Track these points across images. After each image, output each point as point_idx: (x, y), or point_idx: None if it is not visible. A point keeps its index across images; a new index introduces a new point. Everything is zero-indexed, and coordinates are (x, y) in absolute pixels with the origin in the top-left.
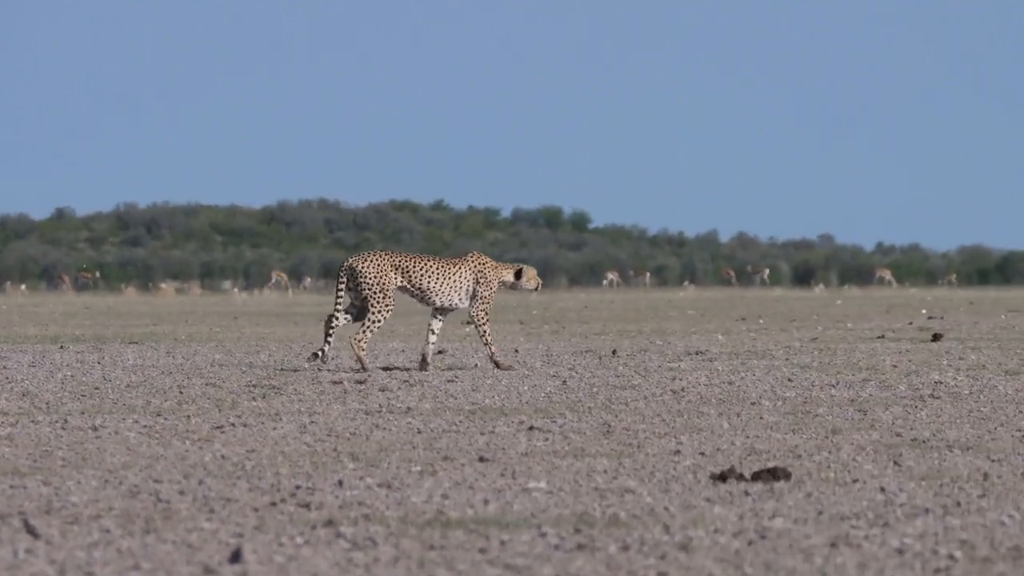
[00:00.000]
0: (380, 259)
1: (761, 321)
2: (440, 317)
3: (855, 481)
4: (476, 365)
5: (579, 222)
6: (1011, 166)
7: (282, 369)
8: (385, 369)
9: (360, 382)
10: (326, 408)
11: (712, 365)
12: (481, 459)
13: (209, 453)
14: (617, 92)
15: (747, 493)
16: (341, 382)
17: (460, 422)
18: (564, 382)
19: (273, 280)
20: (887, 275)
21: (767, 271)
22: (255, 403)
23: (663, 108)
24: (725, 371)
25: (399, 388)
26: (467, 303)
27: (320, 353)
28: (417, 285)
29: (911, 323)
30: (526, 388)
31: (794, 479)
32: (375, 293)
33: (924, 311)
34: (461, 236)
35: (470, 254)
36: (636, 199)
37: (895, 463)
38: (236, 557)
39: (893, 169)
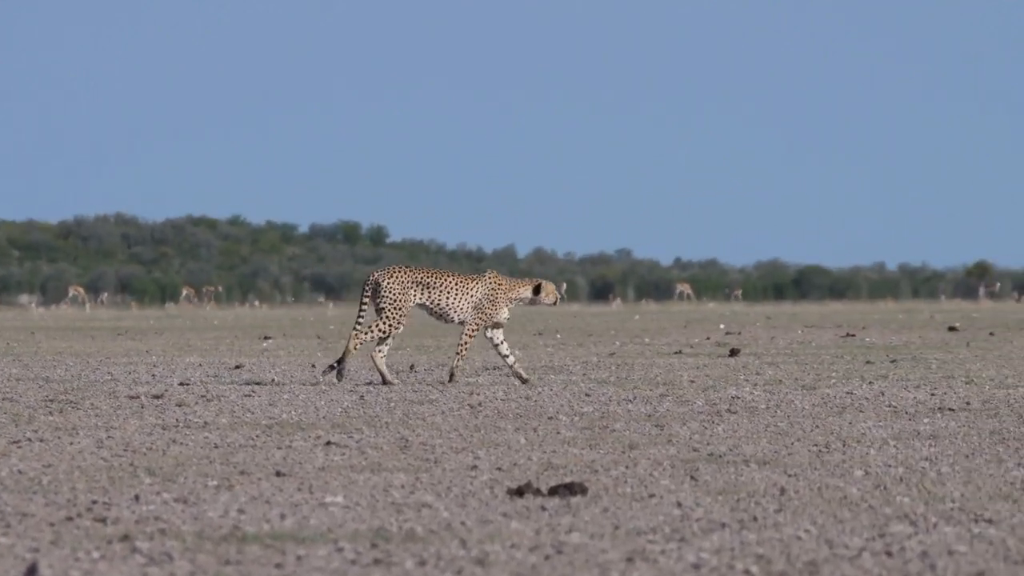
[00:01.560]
0: (404, 275)
1: (558, 336)
2: (494, 329)
3: (652, 496)
4: (273, 380)
5: (377, 237)
6: (805, 183)
7: (79, 384)
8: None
9: (158, 396)
10: (123, 423)
11: (509, 380)
12: (278, 474)
13: (5, 468)
14: (413, 106)
15: (544, 508)
16: (138, 397)
17: (257, 436)
18: (362, 397)
19: (71, 295)
20: (687, 289)
21: (564, 286)
22: (52, 418)
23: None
24: (522, 386)
25: (196, 403)
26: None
27: (385, 378)
28: (436, 301)
29: (709, 338)
30: (323, 403)
31: (591, 494)
32: (391, 307)
33: (722, 326)
34: (258, 251)
35: (487, 272)
36: (434, 214)
37: (692, 478)
38: (32, 572)
39: (691, 184)
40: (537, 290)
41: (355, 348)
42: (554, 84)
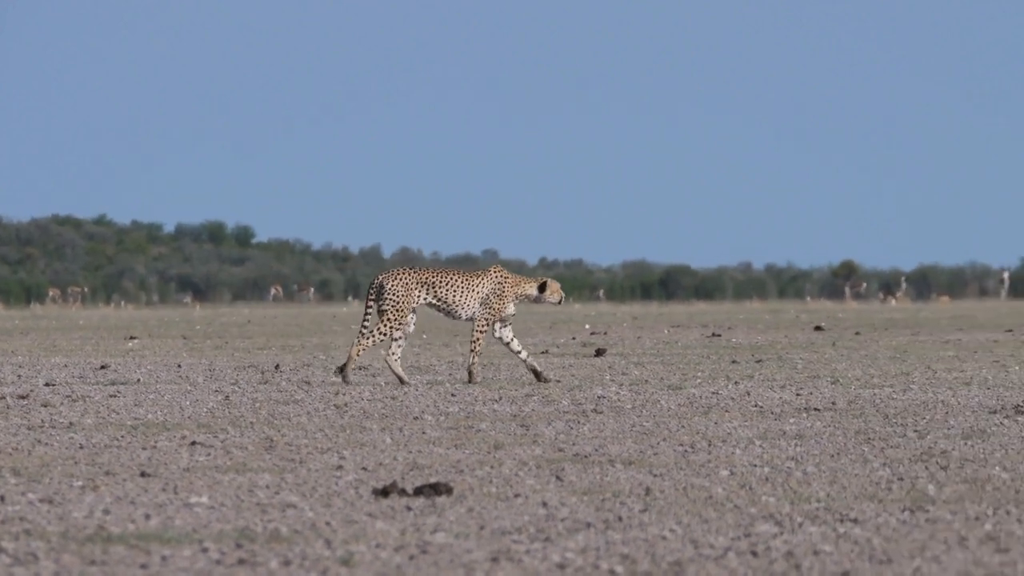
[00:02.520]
0: (408, 277)
1: (425, 336)
2: (504, 327)
3: (517, 496)
4: (139, 380)
5: (242, 237)
6: (671, 182)
7: None
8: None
9: (23, 397)
10: None
11: (375, 380)
12: (143, 474)
13: None
14: (275, 104)
15: (409, 508)
16: (3, 397)
17: (122, 437)
18: (227, 397)
19: None
20: None
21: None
22: None
23: (321, 121)
24: (388, 386)
25: (61, 403)
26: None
27: (401, 379)
28: (443, 299)
29: (575, 338)
30: (188, 403)
31: (456, 494)
32: (392, 309)
33: (588, 326)
34: (124, 251)
35: (492, 267)
36: (299, 213)
37: (557, 478)
38: None
39: (556, 184)
40: (543, 288)
41: (357, 355)
42: (415, 82)
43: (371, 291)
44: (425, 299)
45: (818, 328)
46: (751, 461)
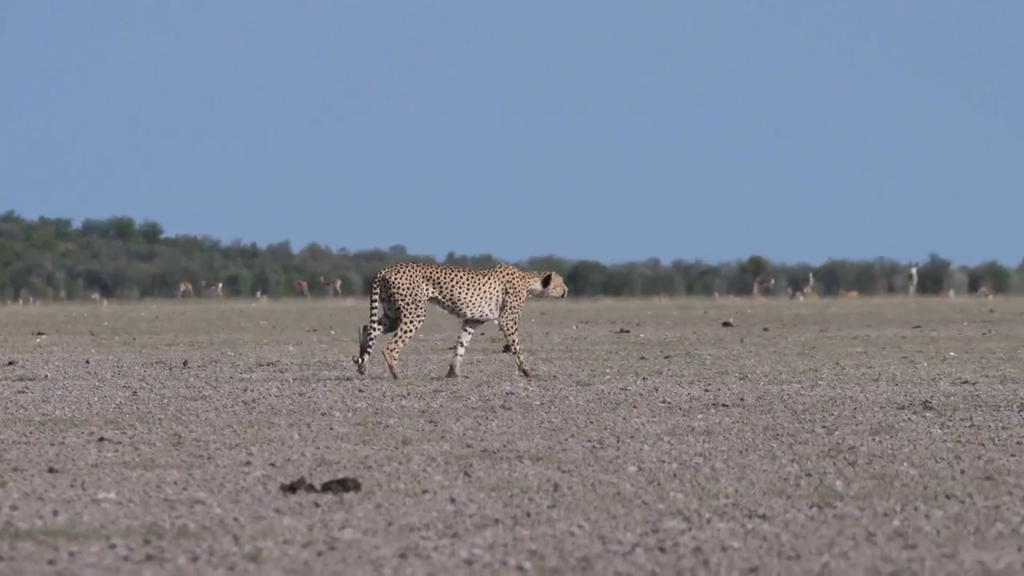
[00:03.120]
0: (413, 270)
1: (333, 332)
2: (470, 330)
3: (425, 492)
4: (47, 376)
5: (151, 233)
6: (579, 177)
7: None
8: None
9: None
10: None
11: (283, 376)
12: (51, 470)
13: None
14: (181, 100)
15: (317, 504)
16: None
17: (30, 433)
18: (135, 393)
19: None
20: None
21: (339, 282)
22: None
23: (226, 117)
24: (296, 382)
25: None
26: (496, 314)
27: (358, 363)
28: (448, 296)
29: (483, 334)
30: (96, 399)
31: (364, 490)
32: (407, 304)
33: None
34: (32, 247)
35: (498, 265)
36: (208, 210)
37: (465, 474)
38: None
39: (463, 179)
40: (547, 282)
41: (393, 361)
42: (320, 78)
43: (375, 286)
44: (431, 294)
45: (726, 324)
46: (659, 457)
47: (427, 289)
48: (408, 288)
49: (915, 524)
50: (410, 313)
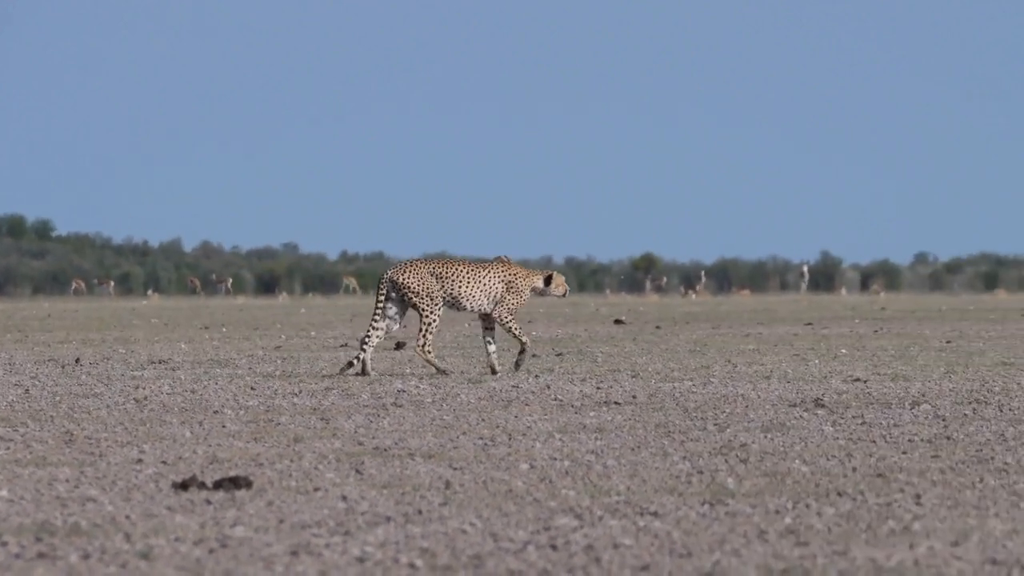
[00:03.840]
0: (418, 267)
1: (224, 330)
2: (489, 325)
3: (317, 489)
4: None
5: (42, 230)
6: (471, 173)
7: None
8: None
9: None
10: None
11: (175, 374)
12: None
13: None
14: (73, 97)
15: (209, 502)
16: None
17: None
18: (27, 391)
19: None
20: (353, 283)
21: (231, 280)
22: None
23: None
24: (188, 380)
25: None
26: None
27: (355, 362)
28: (449, 291)
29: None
30: None
31: (256, 487)
32: (423, 299)
33: None
34: None
35: (498, 260)
36: (100, 208)
37: (357, 471)
38: None
39: (356, 177)
40: (548, 281)
41: (428, 354)
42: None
43: (380, 286)
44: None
45: (618, 321)
46: (551, 455)
47: (435, 283)
48: (419, 284)
49: (807, 521)
50: (427, 307)
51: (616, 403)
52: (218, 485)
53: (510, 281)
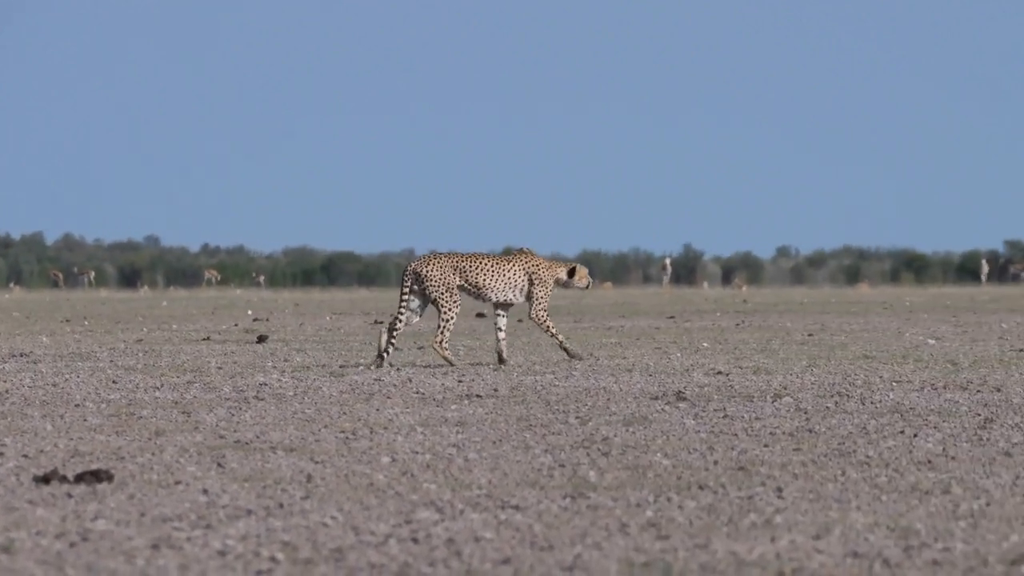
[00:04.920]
0: (441, 261)
1: (86, 323)
2: (502, 313)
3: (178, 483)
4: None
5: None
6: (333, 168)
7: None
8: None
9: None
10: None
11: (36, 367)
12: None
13: None
14: None
15: (70, 495)
16: None
17: None
18: None
19: None
20: (215, 276)
21: (93, 273)
22: None
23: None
24: (49, 373)
25: None
26: (521, 298)
27: (384, 356)
28: (474, 283)
29: (237, 324)
30: None
31: (117, 481)
32: (443, 294)
33: (250, 312)
34: None
35: (521, 251)
36: None
37: (218, 465)
38: None
39: (218, 171)
40: (571, 273)
41: (443, 350)
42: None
43: (405, 279)
44: (458, 282)
45: (480, 315)
46: (413, 448)
47: (455, 279)
48: (440, 279)
49: (668, 515)
50: (446, 302)
51: (478, 396)
52: (79, 478)
53: (533, 272)
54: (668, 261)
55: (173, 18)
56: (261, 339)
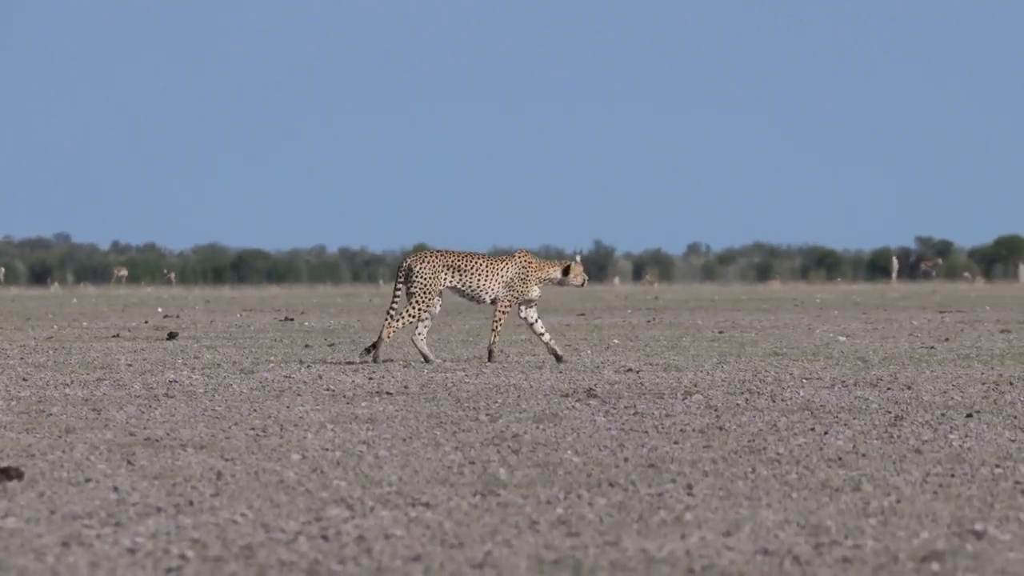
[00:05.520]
0: (435, 260)
1: None
2: (529, 308)
3: (88, 480)
4: None
5: None
6: (240, 164)
7: None
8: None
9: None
10: None
11: None
12: None
13: None
14: None
15: None
16: None
17: None
18: None
19: None
20: (125, 273)
21: (3, 270)
22: None
23: None
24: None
25: None
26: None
27: (427, 358)
28: (468, 284)
29: (147, 322)
30: None
31: (27, 479)
32: (421, 291)
33: (160, 309)
34: None
35: (517, 253)
36: None
37: (128, 462)
38: None
39: (128, 166)
40: (566, 271)
41: (388, 337)
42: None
43: (400, 273)
44: (450, 283)
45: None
46: (323, 445)
47: (447, 278)
48: (427, 276)
49: (578, 512)
50: (420, 301)
51: (388, 393)
52: None
53: (525, 268)
54: (579, 257)
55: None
56: (171, 336)
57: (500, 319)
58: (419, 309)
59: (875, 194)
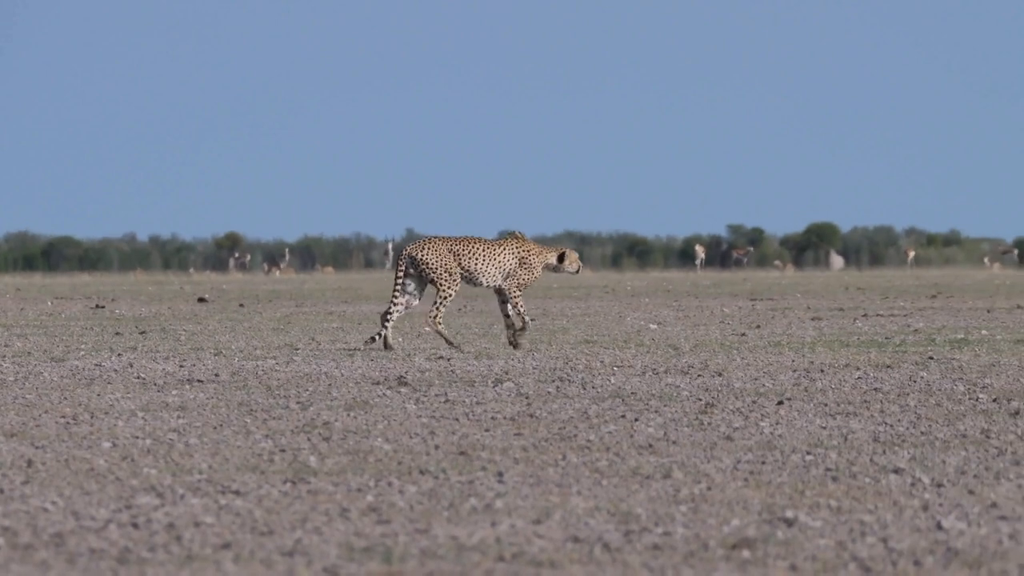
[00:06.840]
0: (436, 244)
1: None
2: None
3: None
4: None
5: None
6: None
7: None
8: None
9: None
10: None
11: None
12: None
13: None
14: None
15: None
16: None
17: None
18: None
19: None
20: None
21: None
22: None
23: None
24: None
25: None
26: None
27: (377, 337)
28: (466, 267)
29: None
30: None
31: None
32: (441, 275)
33: None
34: None
35: (512, 236)
36: None
37: None
38: None
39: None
40: (561, 258)
41: (439, 326)
42: None
43: (400, 263)
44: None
45: (202, 300)
46: (134, 433)
47: (452, 260)
48: (438, 261)
49: (389, 499)
50: (445, 282)
51: (199, 381)
52: None
53: (523, 257)
54: (391, 245)
55: None
56: None
57: (518, 304)
58: (448, 288)
59: (687, 182)
